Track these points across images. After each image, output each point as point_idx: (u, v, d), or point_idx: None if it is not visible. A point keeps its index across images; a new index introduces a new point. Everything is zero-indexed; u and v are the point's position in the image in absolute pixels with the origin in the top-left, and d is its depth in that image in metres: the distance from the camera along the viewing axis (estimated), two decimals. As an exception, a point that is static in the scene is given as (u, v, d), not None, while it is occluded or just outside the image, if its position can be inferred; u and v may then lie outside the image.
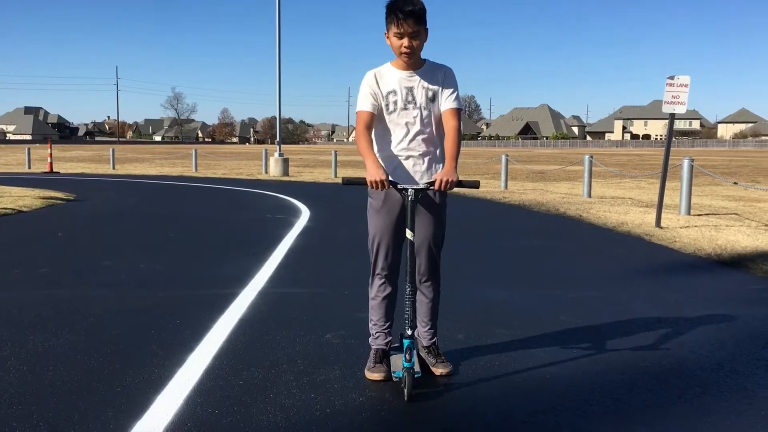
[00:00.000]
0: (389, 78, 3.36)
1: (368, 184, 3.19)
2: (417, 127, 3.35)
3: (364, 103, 3.36)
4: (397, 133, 3.37)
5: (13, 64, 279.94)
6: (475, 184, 3.36)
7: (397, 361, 3.38)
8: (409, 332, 3.18)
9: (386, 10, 3.24)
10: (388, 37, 3.30)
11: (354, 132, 3.58)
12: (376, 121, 3.39)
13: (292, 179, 21.40)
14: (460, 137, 3.35)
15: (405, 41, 3.22)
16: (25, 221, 9.98)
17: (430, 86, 3.35)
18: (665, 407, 3.09)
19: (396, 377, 3.26)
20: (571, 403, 3.11)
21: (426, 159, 3.39)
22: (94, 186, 17.96)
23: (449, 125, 3.35)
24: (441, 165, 3.39)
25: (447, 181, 3.16)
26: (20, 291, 5.29)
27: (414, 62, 3.34)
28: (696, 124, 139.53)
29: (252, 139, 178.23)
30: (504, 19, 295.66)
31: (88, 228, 9.50)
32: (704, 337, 4.17)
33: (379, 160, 3.30)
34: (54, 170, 24.81)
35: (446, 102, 3.36)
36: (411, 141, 3.36)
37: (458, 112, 3.37)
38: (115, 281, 5.69)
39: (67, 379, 3.36)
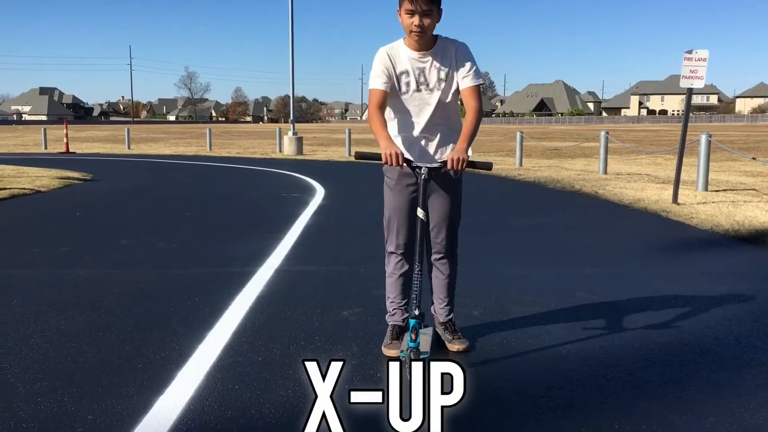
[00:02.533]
0: (402, 58, 3.32)
1: (383, 158, 3.15)
2: (430, 108, 3.33)
3: (377, 81, 3.31)
4: (411, 114, 3.35)
5: (28, 45, 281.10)
6: (488, 166, 3.30)
7: (405, 340, 3.38)
8: (416, 312, 3.13)
9: None
10: (399, 14, 3.25)
11: (364, 111, 3.55)
12: (390, 99, 3.36)
13: (306, 158, 21.42)
14: (479, 117, 3.30)
15: (416, 19, 3.16)
16: (43, 201, 10.08)
17: (443, 66, 3.30)
18: (682, 382, 3.09)
19: (402, 357, 3.24)
20: (587, 379, 3.12)
21: (439, 139, 3.37)
22: (110, 166, 18.08)
23: (469, 105, 3.30)
24: (455, 144, 3.37)
25: (458, 160, 3.12)
26: (41, 269, 5.36)
27: (425, 42, 3.28)
28: (714, 99, 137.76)
29: (265, 118, 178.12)
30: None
31: (106, 207, 9.59)
32: (721, 313, 4.17)
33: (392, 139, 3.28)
34: (70, 150, 25.00)
35: (464, 80, 3.31)
36: (425, 122, 3.34)
37: (477, 89, 3.32)
38: (133, 260, 5.76)
39: (89, 355, 3.42)
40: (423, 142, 3.36)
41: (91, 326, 3.90)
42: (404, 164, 3.17)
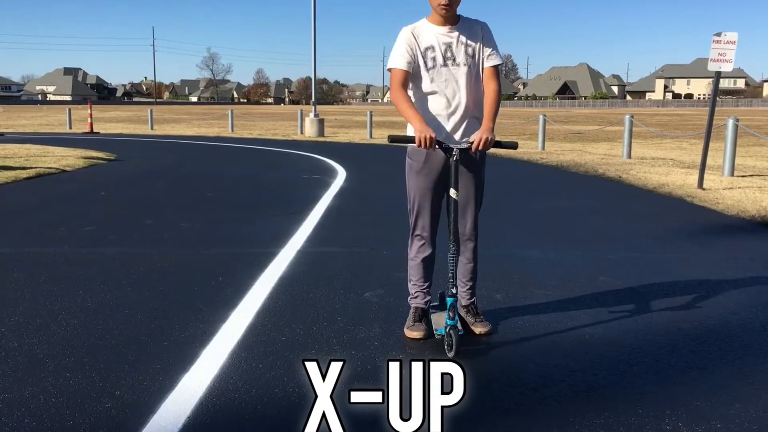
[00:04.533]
0: (427, 34, 3.30)
1: (416, 141, 3.14)
2: (457, 85, 3.30)
3: (399, 60, 3.29)
4: (438, 92, 3.32)
5: (53, 25, 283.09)
6: (514, 145, 3.34)
7: (438, 320, 3.41)
8: (453, 290, 3.19)
9: None
10: None
11: (385, 93, 3.55)
12: (413, 79, 3.35)
13: (328, 140, 21.43)
14: (500, 97, 3.33)
15: None
16: (68, 180, 10.20)
17: (470, 42, 3.29)
18: (707, 368, 3.07)
19: (438, 334, 3.29)
20: (610, 363, 3.11)
21: (468, 118, 3.34)
22: (134, 146, 18.23)
23: (489, 86, 3.32)
24: (479, 126, 3.36)
25: (485, 139, 3.14)
26: (68, 248, 5.43)
27: (451, 16, 3.28)
28: (741, 83, 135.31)
29: (287, 99, 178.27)
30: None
31: (130, 187, 9.68)
32: (747, 299, 4.12)
33: None
34: (94, 131, 25.22)
35: (488, 59, 3.32)
36: (452, 99, 3.31)
37: (498, 70, 3.36)
38: (157, 239, 5.81)
39: (116, 332, 3.47)
40: (452, 122, 3.34)
41: (117, 304, 3.95)
42: (436, 147, 3.18)
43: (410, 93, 3.38)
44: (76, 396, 2.72)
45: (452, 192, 3.22)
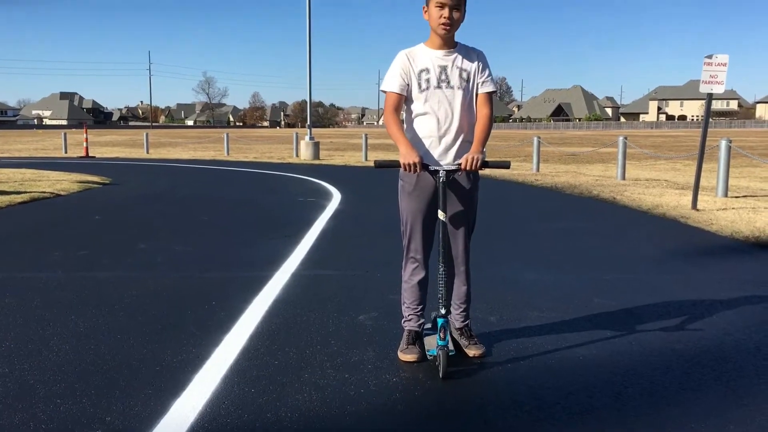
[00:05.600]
0: (422, 57, 3.35)
1: (402, 166, 3.20)
2: (450, 107, 3.33)
3: (392, 83, 3.34)
4: (431, 114, 3.35)
5: (49, 50, 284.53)
6: (506, 164, 3.36)
7: (431, 341, 3.41)
8: (443, 311, 3.21)
9: None
10: (426, 11, 3.28)
11: (380, 116, 3.59)
12: (407, 101, 3.38)
13: (323, 162, 21.48)
14: (491, 123, 3.38)
15: (446, 12, 3.20)
16: (62, 205, 10.19)
17: (465, 67, 3.33)
18: (701, 390, 3.06)
19: (430, 355, 3.29)
20: (605, 385, 3.10)
21: (458, 140, 3.36)
22: (129, 170, 18.23)
23: (482, 111, 3.36)
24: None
25: (474, 159, 3.18)
26: (60, 272, 5.41)
27: (449, 40, 3.32)
28: (733, 105, 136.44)
29: (282, 122, 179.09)
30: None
31: (124, 211, 9.67)
32: (741, 321, 4.12)
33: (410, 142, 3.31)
34: (90, 155, 25.24)
35: (482, 86, 3.36)
36: (443, 122, 3.34)
37: (492, 96, 3.40)
38: (151, 263, 5.80)
39: (108, 357, 3.45)
40: (443, 144, 3.36)
41: (109, 328, 3.93)
42: (423, 169, 3.21)
43: (404, 114, 3.43)
44: (66, 423, 2.70)
45: (440, 214, 3.24)
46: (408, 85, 3.34)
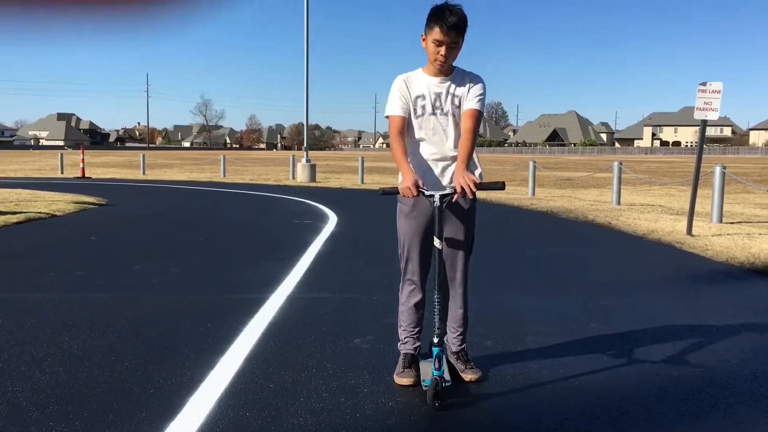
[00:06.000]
0: (419, 83, 3.38)
1: (400, 191, 3.21)
2: (444, 134, 3.37)
3: (394, 107, 3.38)
4: (425, 140, 3.39)
5: (47, 71, 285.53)
6: (500, 186, 3.30)
7: (427, 369, 3.38)
8: (436, 340, 3.17)
9: (430, 14, 3.24)
10: (424, 40, 3.31)
11: (377, 139, 3.60)
12: (408, 126, 3.41)
13: (319, 185, 21.51)
14: (474, 139, 3.30)
15: (443, 50, 3.23)
16: (58, 225, 10.16)
17: (457, 93, 3.36)
18: (698, 416, 3.05)
19: (425, 386, 3.25)
20: (602, 411, 3.08)
21: (453, 165, 3.38)
22: (125, 191, 18.23)
23: (465, 126, 3.32)
24: (470, 171, 3.39)
25: (467, 184, 3.08)
26: (55, 293, 5.38)
27: (446, 69, 3.36)
28: (727, 131, 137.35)
29: (279, 145, 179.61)
30: (532, 26, 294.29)
31: (120, 232, 9.65)
32: (737, 347, 4.11)
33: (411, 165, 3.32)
34: (86, 175, 25.24)
35: (469, 102, 3.34)
36: (438, 146, 3.37)
37: (477, 113, 3.33)
38: (146, 285, 5.77)
39: (101, 380, 3.42)
40: (439, 168, 3.39)
41: (103, 350, 3.90)
42: (419, 194, 3.21)
43: (407, 138, 3.44)
44: (58, 445, 2.67)
45: (435, 241, 3.22)
46: (408, 107, 3.37)
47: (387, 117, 3.44)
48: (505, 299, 5.35)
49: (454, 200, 3.26)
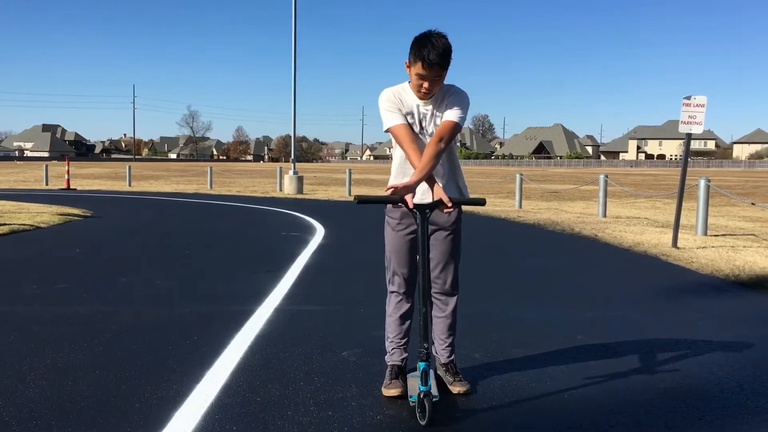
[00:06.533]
0: (407, 100, 3.34)
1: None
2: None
3: (393, 118, 3.30)
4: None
5: (32, 82, 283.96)
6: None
7: (413, 384, 3.34)
8: (423, 355, 3.12)
9: (413, 46, 3.18)
10: (408, 69, 3.26)
11: (364, 151, 3.58)
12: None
13: (307, 197, 21.48)
14: (440, 151, 3.20)
15: (426, 84, 3.21)
16: (42, 237, 10.07)
17: (438, 113, 3.34)
18: (686, 429, 3.05)
19: (412, 402, 3.21)
20: (590, 424, 3.08)
21: (439, 180, 3.38)
22: (111, 203, 18.11)
23: (435, 133, 3.23)
24: (452, 184, 3.41)
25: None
26: (38, 306, 5.33)
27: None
28: (711, 145, 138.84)
29: (266, 157, 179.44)
30: (518, 38, 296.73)
31: (105, 244, 9.58)
32: (723, 359, 4.13)
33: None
34: (71, 187, 25.06)
35: (447, 113, 3.28)
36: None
37: (453, 125, 3.25)
38: (132, 297, 5.72)
39: (86, 394, 3.38)
40: (421, 189, 3.34)
41: (87, 364, 3.86)
42: (401, 205, 3.21)
43: (397, 152, 3.43)
44: (41, 461, 2.63)
45: (418, 258, 3.20)
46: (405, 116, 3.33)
47: (387, 131, 3.35)
48: (493, 311, 5.35)
49: (428, 216, 3.22)
